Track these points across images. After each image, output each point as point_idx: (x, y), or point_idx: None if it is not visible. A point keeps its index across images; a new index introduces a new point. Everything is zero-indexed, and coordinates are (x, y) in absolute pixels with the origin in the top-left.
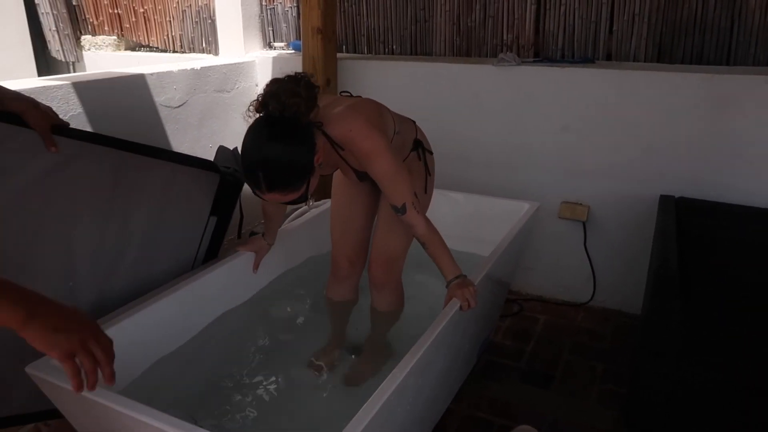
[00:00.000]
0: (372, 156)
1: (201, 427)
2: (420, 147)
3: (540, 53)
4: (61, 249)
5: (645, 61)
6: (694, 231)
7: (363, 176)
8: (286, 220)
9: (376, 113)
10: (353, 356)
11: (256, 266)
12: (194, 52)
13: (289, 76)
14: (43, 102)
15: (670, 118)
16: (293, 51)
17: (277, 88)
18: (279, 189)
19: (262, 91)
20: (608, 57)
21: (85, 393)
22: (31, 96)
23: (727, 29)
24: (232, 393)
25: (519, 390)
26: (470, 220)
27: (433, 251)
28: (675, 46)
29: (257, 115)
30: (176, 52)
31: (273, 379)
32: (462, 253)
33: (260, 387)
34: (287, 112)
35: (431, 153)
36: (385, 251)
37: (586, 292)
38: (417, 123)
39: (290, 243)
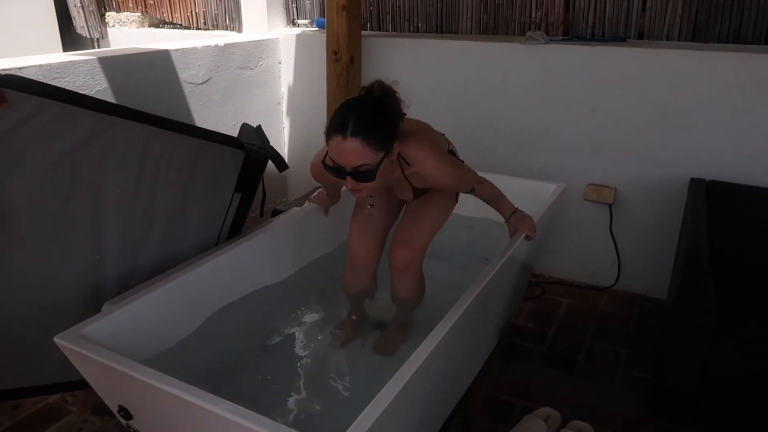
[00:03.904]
0: (442, 178)
1: (225, 398)
2: (453, 155)
3: (569, 31)
4: (90, 222)
5: (679, 40)
6: (725, 215)
7: (419, 193)
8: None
9: (431, 136)
10: (378, 330)
11: (326, 213)
12: (218, 29)
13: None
14: (70, 77)
15: (703, 99)
16: (317, 28)
17: (379, 83)
18: (362, 136)
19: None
20: (640, 36)
21: (113, 364)
22: (58, 71)
23: (767, 7)
24: (256, 365)
25: (541, 373)
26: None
27: (495, 204)
28: (711, 24)
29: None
30: (200, 29)
31: (297, 351)
32: (486, 234)
33: (282, 366)
34: (386, 99)
35: (463, 161)
36: (408, 235)
37: (610, 275)
38: (444, 101)
39: (315, 222)
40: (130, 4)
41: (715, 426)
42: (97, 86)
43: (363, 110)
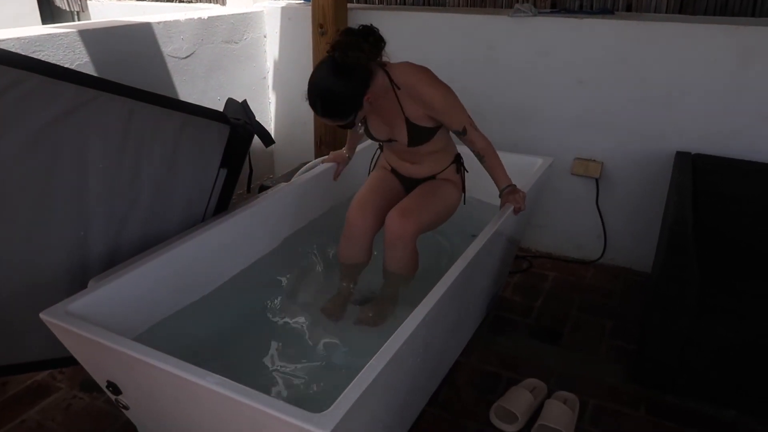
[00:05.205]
0: (432, 97)
1: (212, 372)
2: (461, 162)
3: (557, 4)
4: (73, 198)
5: (667, 13)
6: (710, 188)
7: (416, 138)
8: (297, 173)
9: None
10: (360, 306)
11: (336, 176)
12: (201, 1)
13: (363, 27)
14: (49, 50)
15: (690, 71)
16: (302, 1)
17: (345, 39)
18: (329, 116)
19: (337, 36)
20: (628, 8)
21: (100, 339)
22: (37, 44)
23: None
24: (241, 344)
25: (527, 345)
26: (482, 175)
27: (490, 163)
28: None
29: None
30: (182, 1)
31: (282, 332)
32: (474, 208)
33: (269, 340)
34: (348, 61)
35: (467, 171)
36: (409, 207)
37: (596, 249)
38: None
39: (302, 198)
40: None
41: (695, 395)
42: (78, 60)
43: (325, 91)
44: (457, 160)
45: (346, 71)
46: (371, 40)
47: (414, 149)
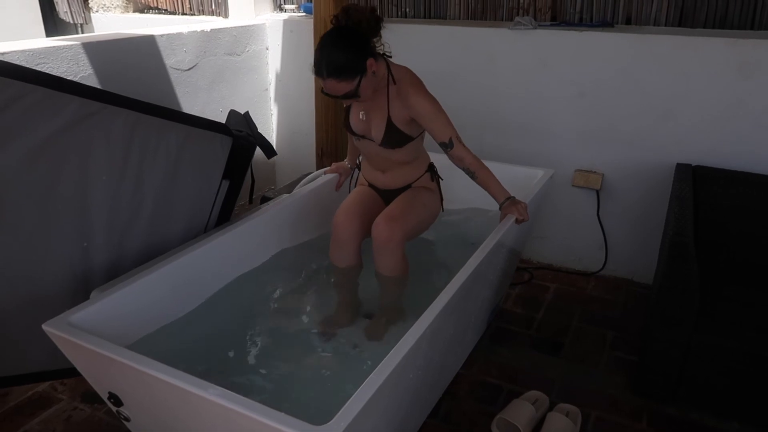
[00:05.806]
0: (421, 105)
1: (214, 383)
2: (434, 170)
3: (557, 17)
4: (76, 209)
5: (666, 25)
6: (710, 200)
7: (390, 139)
8: (299, 184)
9: None
10: (368, 319)
11: (338, 187)
12: (203, 14)
13: (361, 6)
14: (53, 63)
15: (690, 84)
16: (304, 13)
17: (347, 6)
18: (334, 77)
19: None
20: (628, 21)
21: (102, 350)
22: (42, 56)
23: None
24: (242, 356)
25: (529, 356)
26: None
27: (483, 179)
28: (698, 9)
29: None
30: (185, 14)
31: (284, 343)
32: (474, 220)
33: (271, 351)
34: (350, 22)
35: (441, 179)
36: (394, 213)
37: (597, 261)
38: (431, 86)
39: (304, 209)
40: None
41: (697, 406)
42: (81, 72)
43: (330, 51)
44: (431, 168)
45: (348, 33)
46: (369, 11)
47: (385, 154)
